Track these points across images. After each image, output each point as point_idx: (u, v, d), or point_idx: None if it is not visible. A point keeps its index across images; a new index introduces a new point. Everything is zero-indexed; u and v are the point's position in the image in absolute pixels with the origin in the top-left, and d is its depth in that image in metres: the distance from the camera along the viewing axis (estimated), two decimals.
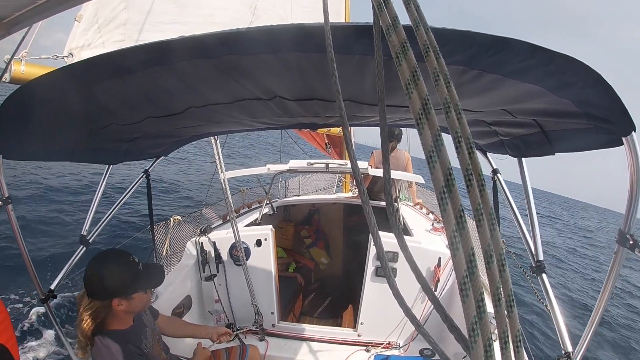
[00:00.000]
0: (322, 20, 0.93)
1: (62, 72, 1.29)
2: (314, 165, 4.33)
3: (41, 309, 5.59)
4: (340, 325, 4.10)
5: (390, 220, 1.10)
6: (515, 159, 2.07)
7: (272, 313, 3.75)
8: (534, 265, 1.96)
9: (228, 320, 3.74)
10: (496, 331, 0.65)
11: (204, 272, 3.71)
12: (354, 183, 8.25)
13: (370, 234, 0.90)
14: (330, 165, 4.31)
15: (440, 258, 3.45)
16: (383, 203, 5.00)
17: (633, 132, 1.23)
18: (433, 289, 1.77)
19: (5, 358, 1.78)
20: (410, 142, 8.31)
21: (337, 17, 6.78)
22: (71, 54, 4.13)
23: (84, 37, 4.21)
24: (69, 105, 1.46)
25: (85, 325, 1.83)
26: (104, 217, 2.62)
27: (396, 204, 4.33)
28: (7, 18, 0.84)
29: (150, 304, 2.26)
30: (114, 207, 2.72)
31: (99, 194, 2.52)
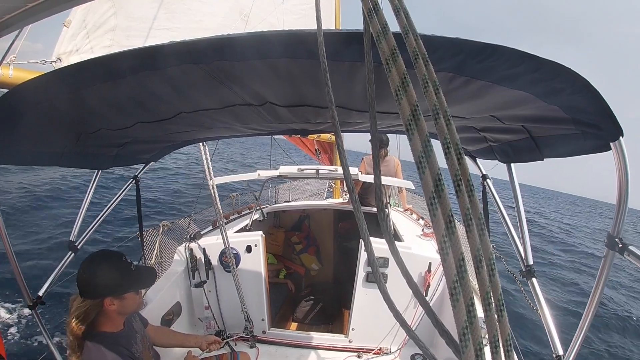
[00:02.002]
0: (312, 27, 0.94)
1: (52, 76, 1.28)
2: (305, 171, 4.33)
3: (29, 316, 5.52)
4: (331, 332, 4.09)
5: (381, 225, 1.10)
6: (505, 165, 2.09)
7: (263, 320, 3.73)
8: (524, 269, 1.97)
9: (218, 327, 3.71)
10: (487, 335, 0.65)
11: (193, 278, 3.68)
12: (345, 189, 8.27)
13: (360, 240, 0.90)
14: (320, 171, 4.31)
15: (430, 263, 3.47)
16: (373, 209, 5.01)
17: (621, 137, 1.25)
18: (424, 294, 1.77)
19: None
20: (400, 148, 8.35)
21: (328, 23, 6.82)
22: (59, 59, 4.11)
23: (73, 43, 4.19)
24: (58, 109, 1.45)
25: (75, 324, 1.81)
26: (93, 223, 2.60)
27: (387, 209, 4.34)
28: None
29: (141, 308, 2.25)
30: (102, 212, 2.69)
31: (88, 200, 2.50)
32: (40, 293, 2.22)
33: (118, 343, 1.95)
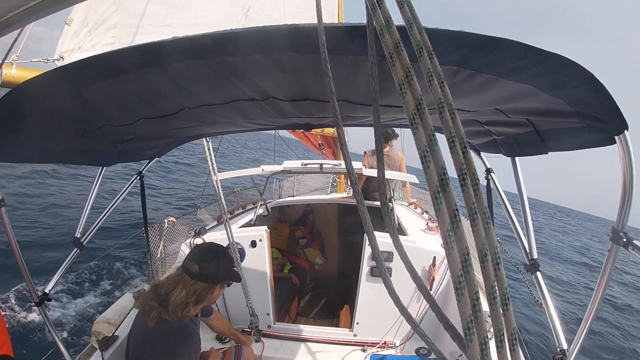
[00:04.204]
0: (315, 20, 0.94)
1: (55, 73, 1.29)
2: (308, 166, 4.33)
3: (35, 312, 5.57)
4: (336, 326, 4.10)
5: (385, 219, 1.10)
6: (509, 159, 2.08)
7: (268, 314, 3.74)
8: (528, 263, 1.97)
9: None
10: (492, 329, 0.65)
11: None
12: (349, 183, 8.27)
13: (365, 234, 0.90)
14: (324, 166, 4.31)
15: (435, 257, 3.46)
16: (377, 203, 5.01)
17: (626, 131, 1.24)
18: (428, 288, 1.77)
19: None
20: (405, 143, 8.33)
21: (331, 17, 6.79)
22: (62, 57, 4.11)
23: (75, 41, 4.20)
24: (62, 106, 1.45)
25: (185, 301, 2.01)
26: (98, 219, 2.60)
27: (390, 203, 4.33)
28: (0, 19, 0.84)
29: None
30: (107, 209, 2.69)
31: (93, 196, 2.50)
32: (47, 290, 2.23)
33: (196, 325, 2.25)
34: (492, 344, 0.61)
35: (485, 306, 0.61)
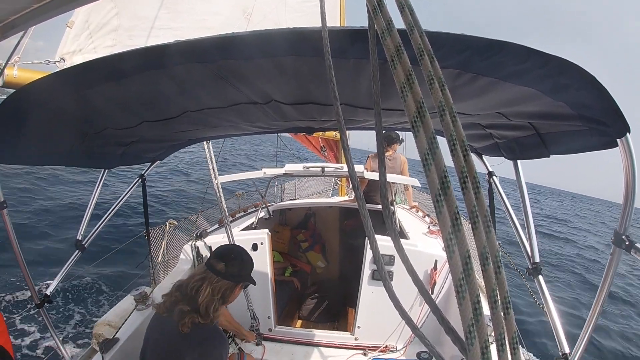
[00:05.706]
0: (317, 24, 0.94)
1: (58, 76, 1.29)
2: (310, 169, 4.32)
3: (36, 314, 5.57)
4: (337, 329, 4.09)
5: (386, 223, 1.10)
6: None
7: (269, 317, 3.74)
8: (530, 267, 1.97)
9: None
10: (493, 333, 0.65)
11: None
12: (350, 186, 8.27)
13: (366, 237, 0.90)
14: (326, 169, 4.31)
15: (436, 261, 3.45)
16: (379, 206, 5.00)
17: (628, 134, 1.24)
18: (429, 292, 1.77)
19: (6, 358, 1.77)
20: (406, 146, 8.32)
21: (333, 21, 6.81)
22: (63, 59, 4.14)
23: (76, 43, 4.23)
24: (64, 109, 1.45)
25: (212, 299, 2.02)
26: (100, 222, 2.61)
27: (392, 207, 4.32)
28: (3, 22, 0.84)
29: None
30: (109, 211, 2.70)
31: (95, 199, 2.50)
32: (48, 292, 2.23)
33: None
34: (493, 347, 0.60)
35: (486, 310, 0.61)
